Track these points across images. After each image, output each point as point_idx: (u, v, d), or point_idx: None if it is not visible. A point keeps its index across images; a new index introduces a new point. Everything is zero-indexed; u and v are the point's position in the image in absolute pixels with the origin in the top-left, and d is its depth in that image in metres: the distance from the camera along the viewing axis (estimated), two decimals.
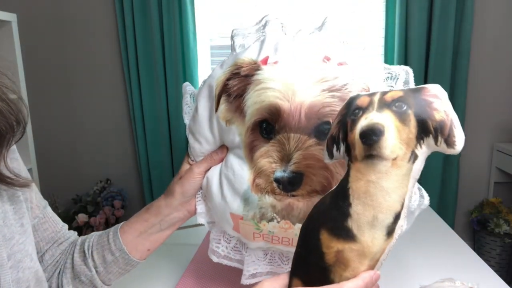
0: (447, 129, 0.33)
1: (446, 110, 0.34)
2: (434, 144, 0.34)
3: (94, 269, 0.57)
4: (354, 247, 0.34)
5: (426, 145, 0.34)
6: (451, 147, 0.33)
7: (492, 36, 2.11)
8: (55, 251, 0.58)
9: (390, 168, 0.33)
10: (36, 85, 2.40)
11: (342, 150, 0.38)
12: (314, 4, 2.22)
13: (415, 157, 0.34)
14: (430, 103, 0.35)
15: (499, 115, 2.18)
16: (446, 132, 0.33)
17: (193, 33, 2.19)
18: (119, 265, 0.58)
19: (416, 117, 0.34)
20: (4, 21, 1.84)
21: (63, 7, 2.32)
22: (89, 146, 2.49)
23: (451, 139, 0.33)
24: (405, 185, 0.34)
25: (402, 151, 0.33)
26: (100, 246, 0.58)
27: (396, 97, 0.36)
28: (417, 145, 0.34)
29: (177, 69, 2.19)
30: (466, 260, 0.80)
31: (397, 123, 0.34)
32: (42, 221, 0.55)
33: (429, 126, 0.34)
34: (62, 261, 0.58)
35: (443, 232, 0.93)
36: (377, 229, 0.34)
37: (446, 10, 1.99)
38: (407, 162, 0.34)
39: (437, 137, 0.34)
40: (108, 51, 2.35)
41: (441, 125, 0.34)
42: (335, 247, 0.35)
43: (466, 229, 2.31)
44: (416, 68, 2.05)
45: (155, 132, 2.32)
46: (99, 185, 2.44)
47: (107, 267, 0.57)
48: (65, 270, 0.57)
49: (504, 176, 2.17)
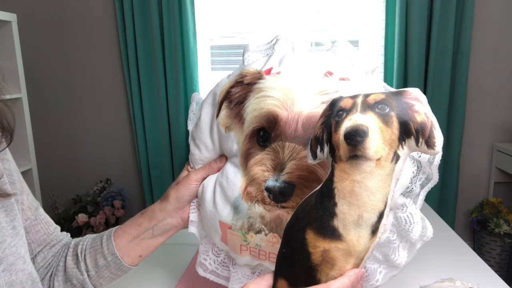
0: (427, 131, 0.35)
1: (426, 113, 0.35)
2: (415, 145, 0.35)
3: (86, 273, 0.56)
4: (340, 246, 0.35)
5: (407, 146, 0.35)
6: (431, 148, 0.35)
7: (492, 36, 2.11)
8: (47, 254, 0.57)
9: (374, 168, 0.34)
10: (36, 85, 2.40)
11: (326, 151, 0.39)
12: (314, 4, 2.22)
13: (397, 157, 0.35)
14: (412, 106, 0.36)
15: (499, 115, 2.18)
16: (426, 134, 0.35)
17: (193, 33, 2.19)
18: (111, 270, 0.57)
19: (398, 119, 0.35)
20: (4, 21, 1.84)
21: (63, 7, 2.32)
22: (89, 146, 2.49)
23: (432, 141, 0.34)
24: (388, 184, 0.35)
25: (386, 151, 0.35)
26: (93, 250, 0.58)
27: (378, 100, 0.36)
28: (399, 146, 0.35)
29: (177, 69, 2.19)
30: (466, 260, 0.80)
31: (381, 124, 0.35)
32: (34, 223, 0.54)
33: (411, 128, 0.35)
34: (54, 263, 0.58)
35: (443, 232, 0.93)
36: (362, 228, 0.35)
37: (446, 10, 1.99)
38: (390, 162, 0.35)
39: (418, 139, 0.35)
40: (108, 51, 2.35)
41: (422, 127, 0.35)
42: (321, 246, 0.35)
43: (466, 229, 2.31)
44: (416, 68, 2.05)
45: (155, 132, 2.32)
46: (99, 185, 2.44)
47: (98, 271, 0.57)
48: (57, 273, 0.57)
49: (504, 176, 2.17)
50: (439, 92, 2.08)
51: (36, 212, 0.55)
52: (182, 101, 2.24)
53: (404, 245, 0.47)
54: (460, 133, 2.13)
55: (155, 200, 2.56)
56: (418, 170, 0.46)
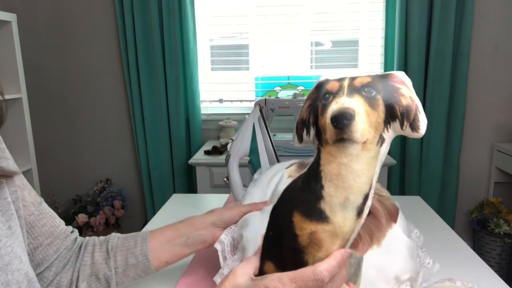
0: (412, 114, 0.35)
1: (411, 96, 0.36)
2: (399, 128, 0.36)
3: (114, 270, 0.58)
4: (327, 228, 0.35)
5: (392, 129, 0.36)
6: (416, 131, 0.35)
7: (492, 36, 2.11)
8: (60, 246, 0.58)
9: (360, 151, 0.35)
10: (36, 85, 2.40)
11: (312, 134, 0.39)
12: (314, 4, 2.22)
13: (383, 140, 0.36)
14: (398, 89, 0.36)
15: (499, 115, 2.18)
16: (411, 117, 0.35)
17: (193, 33, 2.19)
18: (137, 271, 0.60)
19: (384, 102, 0.36)
20: (4, 21, 1.84)
21: (63, 7, 2.32)
22: (89, 146, 2.49)
23: (416, 124, 0.35)
24: (373, 167, 0.35)
25: (372, 134, 0.35)
26: (126, 249, 0.60)
27: (365, 83, 0.36)
28: (384, 129, 0.36)
29: (177, 69, 2.19)
30: (466, 260, 0.80)
31: (367, 107, 0.35)
32: (38, 217, 0.56)
33: (396, 111, 0.35)
34: (69, 256, 0.59)
35: (443, 232, 0.93)
36: (348, 210, 0.35)
37: (446, 10, 1.99)
38: (375, 145, 0.35)
39: (403, 122, 0.35)
40: (108, 51, 2.35)
41: (407, 110, 0.35)
42: (308, 228, 0.35)
43: (466, 229, 2.31)
44: (416, 68, 2.05)
45: (155, 132, 2.32)
46: (99, 185, 2.44)
47: (126, 270, 0.59)
48: (83, 268, 0.58)
49: (504, 176, 2.17)
50: (439, 92, 2.08)
51: (40, 207, 0.56)
52: (182, 101, 2.24)
53: None
54: (460, 133, 2.13)
55: (155, 200, 2.56)
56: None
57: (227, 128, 2.24)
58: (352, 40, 2.28)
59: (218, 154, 2.04)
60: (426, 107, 2.09)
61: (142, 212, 2.55)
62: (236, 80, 2.39)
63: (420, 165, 2.16)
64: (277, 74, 2.32)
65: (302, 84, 2.29)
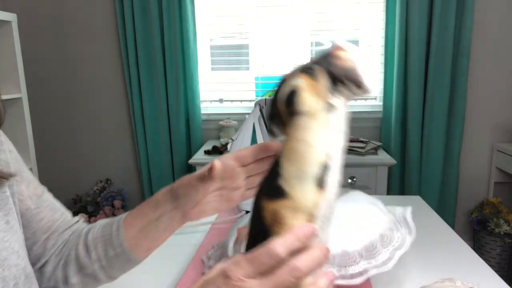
0: (354, 73, 0.36)
1: (352, 58, 0.37)
2: (347, 91, 0.37)
3: (99, 263, 0.54)
4: (287, 203, 0.35)
5: (341, 94, 0.37)
6: (363, 89, 0.36)
7: (492, 36, 2.11)
8: (57, 240, 0.56)
9: (309, 122, 0.36)
10: (36, 85, 2.40)
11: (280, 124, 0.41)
12: (314, 4, 2.22)
13: (331, 107, 0.36)
14: (337, 55, 0.37)
15: (499, 115, 2.18)
16: (354, 76, 0.36)
17: (193, 33, 2.19)
18: (120, 262, 0.55)
19: (326, 70, 0.37)
20: (4, 21, 1.84)
21: (63, 7, 2.32)
22: (89, 146, 2.49)
23: (360, 81, 0.36)
24: (327, 135, 0.36)
25: (318, 104, 0.36)
26: (104, 239, 0.55)
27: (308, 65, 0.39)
28: (330, 95, 0.36)
29: (177, 69, 2.19)
30: (466, 260, 0.80)
31: (310, 81, 0.37)
32: (35, 211, 0.54)
33: (337, 74, 0.36)
34: (66, 251, 0.56)
35: (443, 232, 0.93)
36: (305, 181, 0.35)
37: (446, 10, 1.99)
38: (323, 113, 0.36)
39: (347, 83, 0.36)
40: (108, 51, 2.35)
41: (348, 71, 0.36)
42: (271, 209, 0.35)
43: (466, 229, 2.31)
44: (416, 68, 2.05)
45: (155, 132, 2.32)
46: (99, 185, 2.44)
47: (109, 262, 0.55)
48: (69, 262, 0.55)
49: (504, 176, 2.17)
50: (439, 92, 2.08)
51: (39, 200, 0.54)
52: (182, 101, 2.24)
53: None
54: (460, 133, 2.13)
55: None
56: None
57: (227, 128, 2.24)
58: (352, 40, 2.28)
59: (218, 154, 2.04)
60: (426, 107, 2.09)
61: None
62: (236, 80, 2.39)
63: (420, 165, 2.16)
64: (277, 74, 2.32)
65: None
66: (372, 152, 1.99)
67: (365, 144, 2.03)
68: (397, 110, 2.13)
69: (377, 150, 2.04)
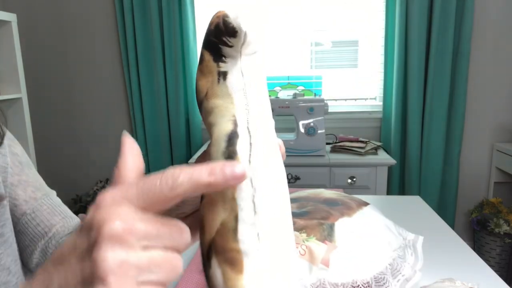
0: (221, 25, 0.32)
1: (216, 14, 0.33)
2: (228, 49, 0.33)
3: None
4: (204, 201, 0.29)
5: (228, 57, 0.33)
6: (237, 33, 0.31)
7: (492, 36, 2.11)
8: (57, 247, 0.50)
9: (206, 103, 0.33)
10: (36, 85, 2.40)
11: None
12: (315, 4, 2.22)
13: (223, 74, 0.33)
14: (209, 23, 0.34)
15: (499, 115, 2.18)
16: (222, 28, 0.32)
17: (193, 33, 2.19)
18: None
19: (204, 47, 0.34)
20: (4, 21, 1.84)
21: (63, 7, 2.32)
22: (89, 146, 2.49)
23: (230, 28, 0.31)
24: (229, 103, 0.32)
25: (209, 82, 0.33)
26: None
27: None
28: (218, 64, 0.33)
29: (177, 69, 2.19)
30: (466, 260, 0.80)
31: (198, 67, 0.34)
32: (31, 216, 0.50)
33: (211, 39, 0.33)
34: None
35: (443, 232, 0.93)
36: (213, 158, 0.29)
37: (446, 10, 1.99)
38: (217, 85, 0.33)
39: (222, 41, 0.32)
40: (108, 51, 2.35)
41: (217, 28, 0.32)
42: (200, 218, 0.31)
43: (466, 229, 2.31)
44: (416, 68, 2.05)
45: (155, 132, 2.32)
46: (99, 185, 2.44)
47: None
48: None
49: (504, 176, 2.17)
50: (439, 92, 2.08)
51: (36, 203, 0.50)
52: (182, 101, 2.24)
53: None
54: (460, 133, 2.13)
55: None
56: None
57: None
58: (352, 40, 2.28)
59: None
60: (426, 107, 2.09)
61: None
62: None
63: (420, 165, 2.16)
64: (277, 74, 2.32)
65: (302, 84, 2.29)
66: (372, 152, 1.99)
67: (365, 144, 2.03)
68: (397, 110, 2.13)
69: (377, 150, 2.04)
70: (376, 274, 0.62)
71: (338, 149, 2.03)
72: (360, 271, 0.62)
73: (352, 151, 1.98)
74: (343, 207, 0.74)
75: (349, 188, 1.91)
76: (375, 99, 2.32)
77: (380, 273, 0.62)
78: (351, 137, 2.14)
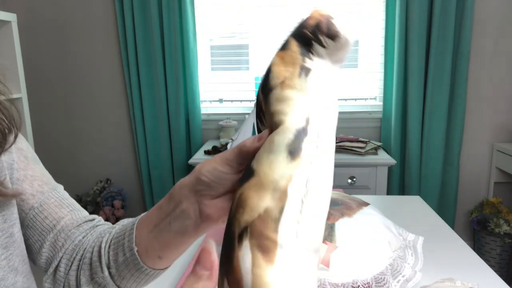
0: (324, 25, 0.32)
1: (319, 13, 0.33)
2: (322, 49, 0.33)
3: (107, 270, 0.46)
4: (253, 182, 0.28)
5: (316, 54, 0.33)
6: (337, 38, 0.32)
7: (492, 36, 2.11)
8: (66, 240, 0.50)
9: (280, 91, 0.32)
10: (36, 85, 2.40)
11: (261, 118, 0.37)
12: (314, 4, 2.22)
13: (307, 70, 0.32)
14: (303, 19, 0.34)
15: (499, 115, 2.18)
16: (324, 28, 0.32)
17: (193, 33, 2.19)
18: (130, 270, 0.45)
19: (294, 36, 0.34)
20: (4, 21, 1.84)
21: (63, 7, 2.32)
22: (89, 146, 2.49)
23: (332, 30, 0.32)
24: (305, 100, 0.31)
25: (289, 71, 0.32)
26: (116, 241, 0.46)
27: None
28: (304, 59, 0.33)
29: (177, 69, 2.19)
30: (466, 260, 0.80)
31: (280, 53, 0.34)
32: (39, 209, 0.49)
33: (306, 33, 0.33)
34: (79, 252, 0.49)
35: (443, 232, 0.93)
36: (274, 152, 0.28)
37: (446, 10, 1.99)
38: (298, 78, 0.32)
39: (318, 39, 0.32)
40: (108, 51, 2.35)
41: (318, 26, 0.32)
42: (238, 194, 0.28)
43: (466, 229, 2.31)
44: (416, 68, 2.05)
45: (155, 132, 2.32)
46: (99, 185, 2.44)
47: (119, 270, 0.45)
48: (83, 267, 0.47)
49: (504, 176, 2.17)
50: (439, 92, 2.08)
51: (43, 197, 0.50)
52: (182, 101, 2.24)
53: None
54: (460, 133, 2.13)
55: (155, 200, 2.58)
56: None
57: (227, 128, 2.24)
58: None
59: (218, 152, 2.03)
60: (426, 107, 2.09)
61: (142, 212, 2.53)
62: (236, 80, 2.39)
63: (420, 165, 2.16)
64: None
65: None
66: (372, 152, 1.99)
67: (365, 144, 2.03)
68: (397, 110, 2.13)
69: (377, 150, 2.04)
70: (376, 275, 0.62)
71: (338, 149, 2.03)
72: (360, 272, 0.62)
73: (352, 151, 1.98)
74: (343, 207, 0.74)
75: (349, 188, 1.91)
76: (375, 99, 2.32)
77: (380, 273, 0.62)
78: (351, 137, 2.14)
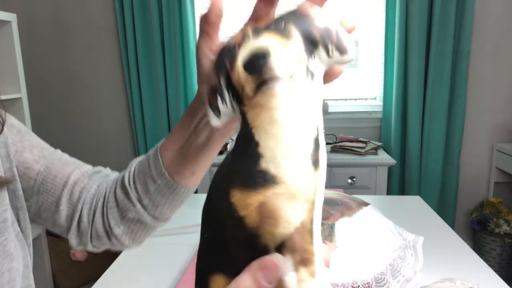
0: (334, 34, 0.30)
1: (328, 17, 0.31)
2: (326, 56, 0.30)
3: (139, 203, 0.48)
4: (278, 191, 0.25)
5: (318, 58, 0.30)
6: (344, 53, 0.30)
7: (492, 36, 2.11)
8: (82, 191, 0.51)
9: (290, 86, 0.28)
10: (36, 85, 2.40)
11: (228, 98, 0.31)
12: None
13: (311, 73, 0.29)
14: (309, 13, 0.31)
15: (499, 115, 2.18)
16: (334, 38, 0.30)
17: (193, 33, 2.19)
18: (165, 195, 0.47)
19: (298, 29, 0.30)
20: (4, 21, 1.84)
21: (63, 7, 2.32)
22: (89, 146, 2.49)
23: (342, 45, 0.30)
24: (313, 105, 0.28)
25: (296, 66, 0.29)
26: (142, 174, 0.48)
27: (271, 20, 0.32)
28: (309, 59, 0.29)
29: (177, 69, 2.19)
30: (466, 260, 0.80)
31: (281, 39, 0.29)
32: (46, 172, 0.50)
33: (315, 35, 0.30)
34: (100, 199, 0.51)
35: (443, 232, 0.93)
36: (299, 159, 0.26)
37: (446, 10, 1.99)
38: (306, 77, 0.29)
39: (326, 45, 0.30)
40: (108, 51, 2.35)
41: (328, 31, 0.30)
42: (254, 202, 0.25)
43: (466, 229, 2.31)
44: (416, 68, 2.05)
45: (155, 132, 2.32)
46: None
47: (152, 198, 0.48)
48: (110, 210, 0.49)
49: (504, 176, 2.17)
50: (439, 92, 2.08)
51: (47, 160, 0.51)
52: (182, 101, 2.24)
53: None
54: (460, 133, 2.13)
55: None
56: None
57: None
58: None
59: (218, 154, 2.03)
60: (426, 107, 2.09)
61: None
62: None
63: (420, 165, 2.16)
64: None
65: None
66: (372, 152, 1.99)
67: (365, 144, 2.03)
68: (397, 110, 2.13)
69: (377, 150, 2.04)
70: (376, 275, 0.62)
71: (338, 149, 2.03)
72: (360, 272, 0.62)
73: (352, 151, 1.98)
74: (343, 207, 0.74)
75: (349, 188, 1.91)
76: (375, 99, 2.32)
77: (381, 273, 0.62)
78: (351, 137, 2.14)
